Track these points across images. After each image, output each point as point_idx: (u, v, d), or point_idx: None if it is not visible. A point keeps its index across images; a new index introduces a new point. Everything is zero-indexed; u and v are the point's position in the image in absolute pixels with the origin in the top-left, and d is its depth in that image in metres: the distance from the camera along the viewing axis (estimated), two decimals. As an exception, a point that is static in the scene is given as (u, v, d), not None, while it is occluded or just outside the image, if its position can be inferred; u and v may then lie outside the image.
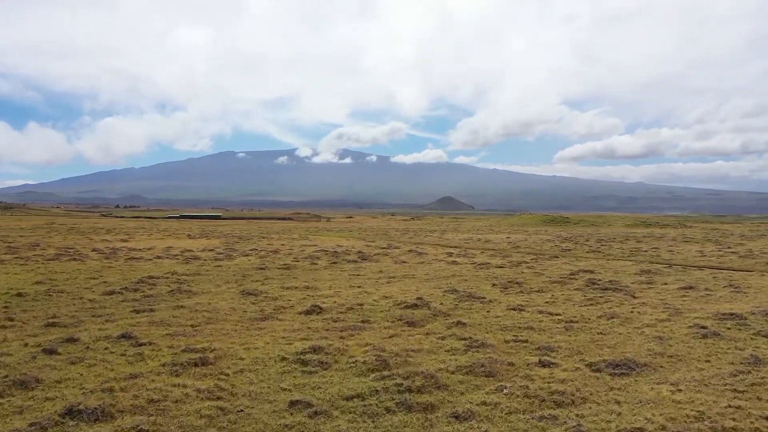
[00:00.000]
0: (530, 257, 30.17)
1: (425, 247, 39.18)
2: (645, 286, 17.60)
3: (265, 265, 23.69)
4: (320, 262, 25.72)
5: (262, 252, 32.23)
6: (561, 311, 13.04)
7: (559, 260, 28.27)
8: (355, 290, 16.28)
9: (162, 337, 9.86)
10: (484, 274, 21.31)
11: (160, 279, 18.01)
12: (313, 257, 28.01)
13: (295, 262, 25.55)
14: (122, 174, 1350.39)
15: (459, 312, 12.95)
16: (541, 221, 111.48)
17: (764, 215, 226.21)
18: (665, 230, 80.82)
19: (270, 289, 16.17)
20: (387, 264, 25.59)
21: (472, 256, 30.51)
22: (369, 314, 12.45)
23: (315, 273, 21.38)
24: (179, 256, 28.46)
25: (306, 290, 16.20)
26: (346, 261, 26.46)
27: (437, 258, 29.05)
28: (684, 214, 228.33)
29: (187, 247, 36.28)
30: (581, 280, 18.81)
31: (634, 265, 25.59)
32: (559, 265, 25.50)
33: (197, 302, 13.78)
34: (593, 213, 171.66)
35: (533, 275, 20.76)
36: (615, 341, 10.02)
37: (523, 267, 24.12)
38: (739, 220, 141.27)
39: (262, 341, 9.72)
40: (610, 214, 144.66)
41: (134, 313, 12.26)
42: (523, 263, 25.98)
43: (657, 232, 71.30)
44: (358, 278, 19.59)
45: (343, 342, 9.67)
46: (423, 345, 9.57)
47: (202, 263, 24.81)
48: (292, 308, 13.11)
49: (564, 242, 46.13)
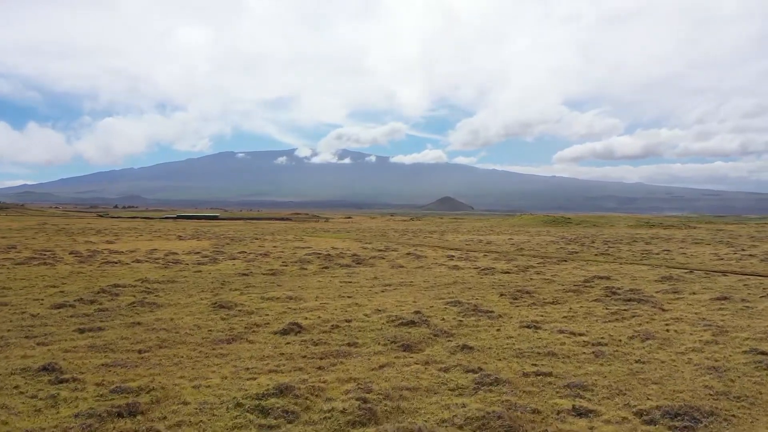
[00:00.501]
0: (537, 261, 28.21)
1: (424, 249, 37.22)
2: (672, 296, 15.62)
3: (250, 271, 21.70)
4: (310, 267, 23.74)
5: (251, 255, 30.24)
6: (584, 329, 11.07)
7: (568, 264, 26.30)
8: (344, 301, 14.30)
9: (94, 370, 7.88)
10: (489, 281, 19.33)
11: (126, 288, 16.02)
12: (304, 261, 26.03)
13: (283, 267, 23.56)
14: (121, 174, 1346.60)
15: (464, 331, 10.98)
16: (543, 222, 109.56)
17: (764, 215, 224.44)
18: (670, 231, 78.91)
19: (248, 301, 14.19)
20: (383, 269, 23.61)
21: (475, 260, 28.56)
22: (357, 334, 10.47)
23: (303, 280, 19.40)
24: (160, 260, 26.48)
25: (288, 302, 14.21)
26: (338, 265, 24.48)
27: (437, 262, 27.08)
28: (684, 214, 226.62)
29: (173, 249, 34.30)
30: (598, 289, 16.85)
31: (651, 270, 23.63)
32: (569, 270, 23.54)
33: (158, 318, 11.81)
34: (595, 214, 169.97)
35: (543, 282, 18.79)
36: (660, 374, 8.05)
37: (531, 272, 22.14)
38: (740, 220, 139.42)
39: (219, 375, 7.74)
40: (612, 214, 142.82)
41: (77, 333, 10.28)
42: (531, 268, 24.01)
43: (662, 233, 69.37)
44: (349, 286, 17.61)
45: (321, 376, 7.70)
46: (421, 380, 7.60)
47: (182, 268, 22.82)
48: (267, 326, 11.13)
49: (569, 244, 44.17)
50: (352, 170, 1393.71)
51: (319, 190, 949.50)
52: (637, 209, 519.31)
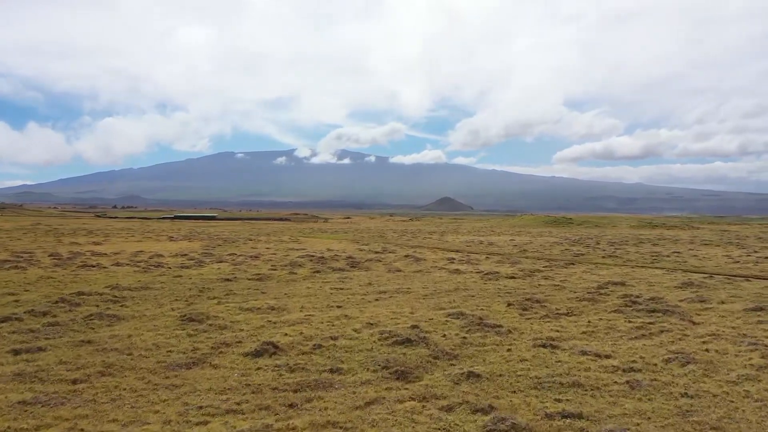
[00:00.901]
0: (542, 264, 26.59)
1: (423, 251, 35.60)
2: (698, 305, 14.00)
3: (235, 276, 20.06)
4: (301, 271, 22.10)
5: (240, 257, 28.62)
6: (609, 349, 9.46)
7: (577, 268, 24.69)
8: (332, 313, 12.68)
9: (6, 411, 6.25)
10: (494, 287, 17.71)
11: (91, 296, 14.39)
12: (295, 264, 24.40)
13: (272, 271, 21.93)
14: (121, 174, 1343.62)
15: (469, 351, 9.37)
16: (544, 222, 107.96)
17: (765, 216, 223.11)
18: (674, 232, 77.33)
19: (224, 312, 12.57)
20: (379, 273, 21.98)
21: (477, 263, 26.94)
22: (343, 356, 8.86)
23: (290, 286, 17.77)
24: (142, 263, 24.85)
25: (269, 313, 12.59)
26: (331, 269, 22.84)
27: (437, 265, 25.47)
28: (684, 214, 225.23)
29: (160, 251, 32.67)
30: (615, 297, 15.23)
31: (667, 274, 22.02)
32: (578, 274, 21.92)
33: (114, 334, 10.19)
34: (596, 214, 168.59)
35: (553, 289, 17.17)
36: (716, 413, 6.44)
37: (538, 277, 20.52)
38: (741, 220, 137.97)
39: (161, 418, 6.12)
40: (614, 215, 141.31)
41: (9, 356, 8.65)
42: (537, 272, 22.39)
43: (667, 234, 67.80)
44: (340, 294, 15.99)
45: (291, 420, 6.07)
46: (417, 425, 5.98)
47: (162, 272, 21.19)
48: (238, 345, 9.51)
49: (574, 245, 42.57)
50: (352, 170, 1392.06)
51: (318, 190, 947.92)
52: (636, 209, 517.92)
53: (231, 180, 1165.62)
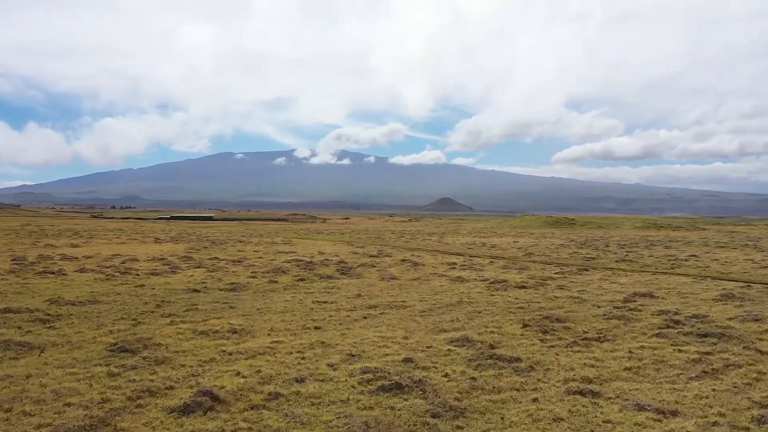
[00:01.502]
0: (553, 270, 24.09)
1: (422, 254, 33.10)
2: (755, 326, 11.51)
3: (206, 285, 17.55)
4: (283, 279, 19.60)
5: (222, 262, 26.14)
6: (671, 398, 6.98)
7: (592, 275, 22.20)
8: (307, 338, 10.18)
9: None
10: (503, 299, 15.22)
11: (19, 314, 11.89)
12: (279, 270, 21.88)
13: (251, 279, 19.43)
14: (120, 175, 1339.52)
15: (481, 403, 6.87)
16: (545, 223, 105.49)
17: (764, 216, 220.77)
18: (680, 233, 74.88)
19: (171, 337, 10.07)
20: (371, 281, 19.49)
21: (481, 268, 24.45)
22: (305, 415, 6.36)
23: (266, 298, 15.26)
24: (110, 269, 22.35)
25: (228, 338, 10.09)
26: (318, 277, 20.33)
27: (437, 271, 22.97)
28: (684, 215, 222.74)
29: (137, 254, 30.18)
30: (648, 314, 12.74)
31: (696, 282, 19.53)
32: (596, 282, 19.44)
33: (8, 374, 7.69)
34: (598, 215, 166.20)
35: (573, 302, 14.68)
36: None
37: (551, 286, 18.03)
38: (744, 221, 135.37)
39: None
40: (617, 215, 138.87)
41: None
42: (549, 280, 19.89)
43: (675, 236, 65.32)
44: (322, 309, 13.50)
45: None
46: None
47: (125, 281, 18.68)
48: (167, 393, 7.01)
49: (582, 248, 40.08)
50: (351, 171, 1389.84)
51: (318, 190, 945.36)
52: (636, 210, 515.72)
53: (230, 180, 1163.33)
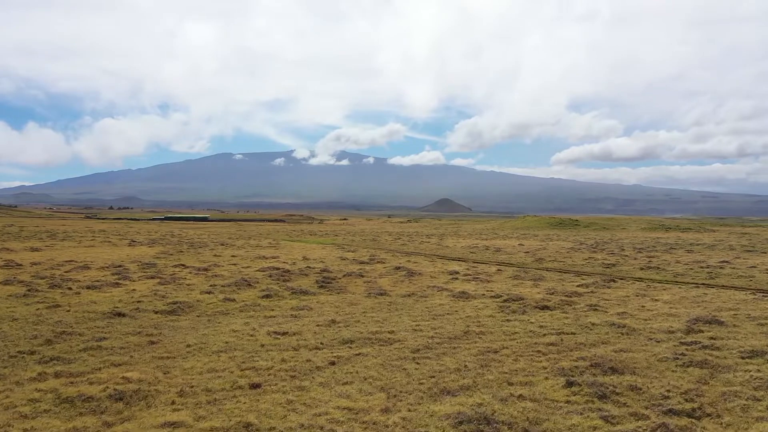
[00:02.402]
0: (573, 280, 20.34)
1: (419, 260, 29.36)
2: None
3: (140, 306, 13.76)
4: (245, 295, 15.85)
5: (185, 271, 22.40)
6: None
7: (623, 288, 18.46)
8: (226, 416, 6.43)
9: None
10: (524, 328, 11.49)
11: None
12: (244, 284, 18.11)
13: (204, 295, 15.68)
14: (119, 175, 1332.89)
15: None
16: (548, 224, 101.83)
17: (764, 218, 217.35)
18: (690, 235, 71.24)
19: (5, 412, 6.32)
20: (355, 298, 15.75)
21: (488, 279, 20.70)
22: None
23: (208, 327, 11.53)
24: (47, 279, 18.55)
25: (100, 414, 6.35)
26: (290, 292, 16.57)
27: (436, 283, 19.22)
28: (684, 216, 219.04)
29: (94, 260, 26.46)
30: (736, 355, 9.03)
31: (759, 300, 15.78)
32: (634, 299, 15.70)
33: None
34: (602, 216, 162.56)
35: (618, 334, 10.95)
36: None
37: (581, 306, 14.27)
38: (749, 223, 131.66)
39: None
40: (621, 216, 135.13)
41: None
42: (575, 296, 16.14)
43: (688, 238, 61.65)
44: (275, 349, 9.75)
45: None
46: None
47: (44, 297, 14.89)
48: None
49: (595, 252, 36.36)
50: (350, 171, 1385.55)
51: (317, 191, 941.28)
52: (635, 211, 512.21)
53: (229, 181, 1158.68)
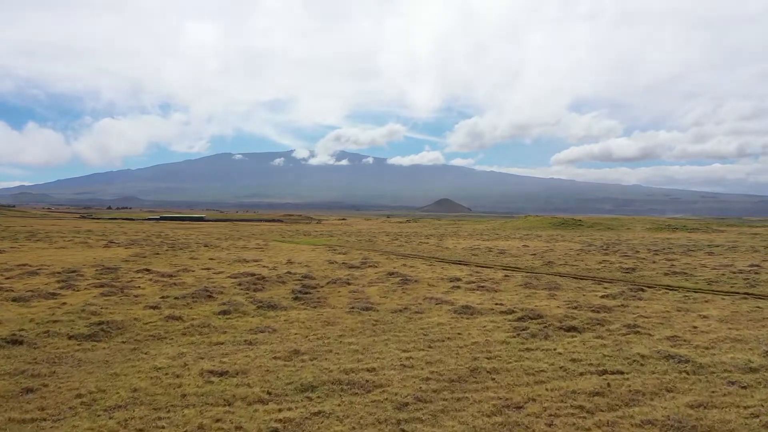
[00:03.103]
0: (594, 288, 17.43)
1: (416, 264, 26.44)
2: None
3: (56, 329, 10.81)
4: (196, 312, 12.91)
5: (144, 278, 19.50)
6: None
7: (657, 299, 15.52)
8: None
9: None
10: (550, 362, 8.57)
11: None
12: (204, 294, 15.17)
13: (147, 311, 12.75)
14: (118, 175, 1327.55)
15: None
16: (551, 224, 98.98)
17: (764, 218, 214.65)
18: (699, 235, 68.38)
19: None
20: (333, 314, 12.84)
21: (495, 287, 17.77)
22: None
23: (126, 362, 8.62)
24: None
25: None
26: (256, 306, 13.65)
27: (434, 294, 16.28)
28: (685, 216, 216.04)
29: (52, 264, 23.60)
30: None
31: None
32: (677, 316, 12.79)
33: None
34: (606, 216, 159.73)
35: (679, 373, 8.06)
36: None
37: (616, 327, 11.34)
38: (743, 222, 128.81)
39: None
40: (626, 216, 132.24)
41: None
42: (603, 310, 13.22)
43: (699, 239, 58.78)
44: (198, 400, 6.86)
45: None
46: None
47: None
48: None
49: (608, 255, 33.44)
50: (350, 171, 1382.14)
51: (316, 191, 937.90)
52: (635, 211, 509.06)
53: (229, 181, 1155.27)
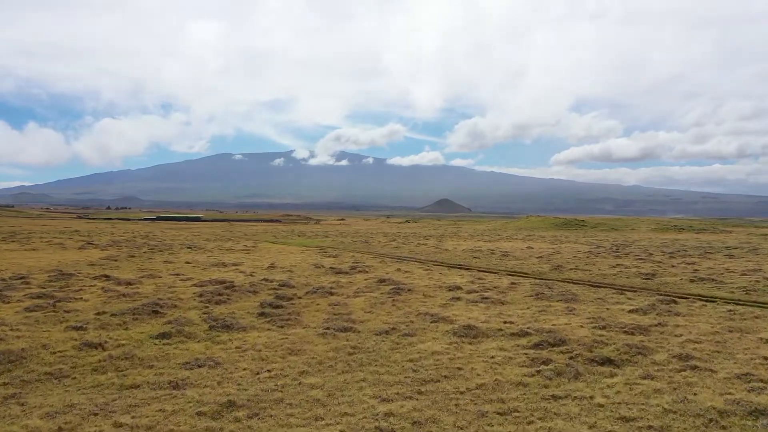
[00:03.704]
0: (620, 302, 14.87)
1: (413, 268, 23.87)
2: None
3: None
4: (132, 333, 10.36)
5: (106, 283, 16.98)
6: None
7: (700, 316, 12.97)
8: None
9: None
10: (590, 421, 6.03)
11: None
12: (152, 309, 12.60)
13: (67, 334, 10.19)
14: (118, 176, 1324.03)
15: None
16: (553, 225, 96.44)
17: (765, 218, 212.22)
18: (710, 237, 65.82)
19: None
20: (302, 337, 10.30)
21: (501, 299, 15.19)
22: None
23: None
24: None
25: None
26: (208, 325, 11.10)
27: (429, 308, 13.71)
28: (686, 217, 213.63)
29: (3, 270, 21.08)
30: None
31: None
32: (739, 342, 10.21)
33: None
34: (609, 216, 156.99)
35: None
36: None
37: (668, 359, 8.74)
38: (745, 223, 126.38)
39: None
40: (629, 217, 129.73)
41: None
42: (639, 332, 10.65)
43: (710, 240, 56.22)
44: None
45: None
46: None
47: None
48: None
49: (620, 258, 30.85)
50: (350, 172, 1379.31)
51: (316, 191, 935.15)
52: (635, 212, 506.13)
53: (229, 181, 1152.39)
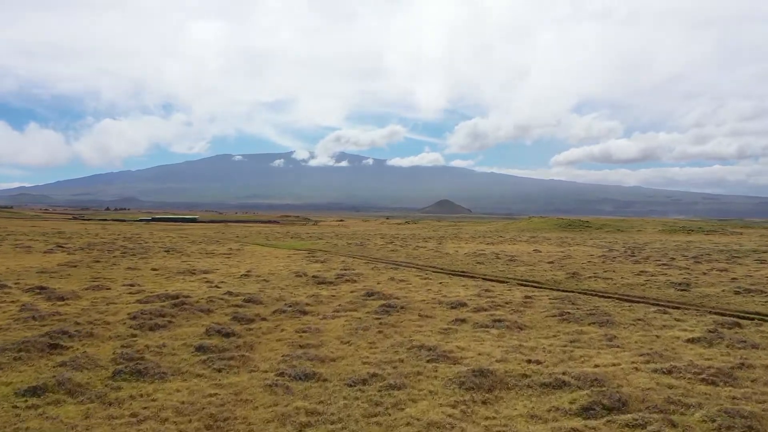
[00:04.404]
0: (669, 324, 11.74)
1: (409, 276, 20.72)
2: None
3: None
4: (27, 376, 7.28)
5: (35, 299, 13.86)
6: None
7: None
8: None
9: None
10: None
11: None
12: (45, 343, 9.43)
13: None
14: (118, 176, 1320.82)
15: None
16: (557, 226, 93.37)
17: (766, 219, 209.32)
18: (722, 238, 62.80)
19: None
20: (240, 390, 7.19)
21: (517, 321, 12.03)
22: None
23: None
24: None
25: None
26: (112, 374, 7.98)
27: (425, 339, 10.57)
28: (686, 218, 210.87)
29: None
30: None
31: None
32: None
33: None
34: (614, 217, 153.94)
35: None
36: None
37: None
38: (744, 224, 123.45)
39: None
40: (634, 218, 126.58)
41: None
42: (721, 382, 7.50)
43: (725, 242, 53.16)
44: None
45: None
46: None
47: None
48: None
49: (640, 262, 27.72)
50: (350, 173, 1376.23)
51: (316, 192, 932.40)
52: (635, 213, 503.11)
53: (229, 182, 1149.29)
